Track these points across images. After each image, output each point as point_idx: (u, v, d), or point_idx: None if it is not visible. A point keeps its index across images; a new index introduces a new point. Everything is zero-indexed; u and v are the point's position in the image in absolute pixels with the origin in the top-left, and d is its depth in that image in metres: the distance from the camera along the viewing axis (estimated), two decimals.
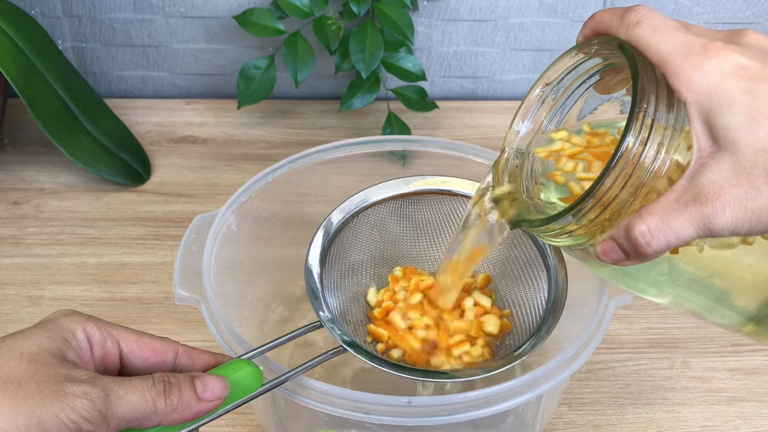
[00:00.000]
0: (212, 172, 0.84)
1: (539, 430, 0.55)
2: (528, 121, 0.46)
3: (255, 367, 0.42)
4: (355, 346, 0.47)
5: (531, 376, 0.45)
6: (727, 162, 0.32)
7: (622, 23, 0.36)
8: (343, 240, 0.54)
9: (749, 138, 0.31)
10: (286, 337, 0.46)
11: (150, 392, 0.36)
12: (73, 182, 0.82)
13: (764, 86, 0.32)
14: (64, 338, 0.37)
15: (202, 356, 0.41)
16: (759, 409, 0.61)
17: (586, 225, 0.37)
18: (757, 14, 0.91)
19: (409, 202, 0.56)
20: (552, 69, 0.43)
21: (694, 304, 0.42)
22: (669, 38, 0.34)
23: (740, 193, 0.32)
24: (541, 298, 0.52)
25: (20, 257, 0.73)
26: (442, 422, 0.44)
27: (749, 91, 0.32)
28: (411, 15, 0.87)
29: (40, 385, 0.34)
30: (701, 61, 0.33)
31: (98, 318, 0.40)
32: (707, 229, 0.33)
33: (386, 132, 0.84)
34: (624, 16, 0.36)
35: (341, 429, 0.48)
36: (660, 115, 0.35)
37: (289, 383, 0.45)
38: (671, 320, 0.68)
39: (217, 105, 0.94)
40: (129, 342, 0.40)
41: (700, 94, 0.33)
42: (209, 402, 0.38)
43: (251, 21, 0.82)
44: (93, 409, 0.34)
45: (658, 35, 0.35)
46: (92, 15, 0.90)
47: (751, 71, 0.32)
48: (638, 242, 0.34)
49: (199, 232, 0.55)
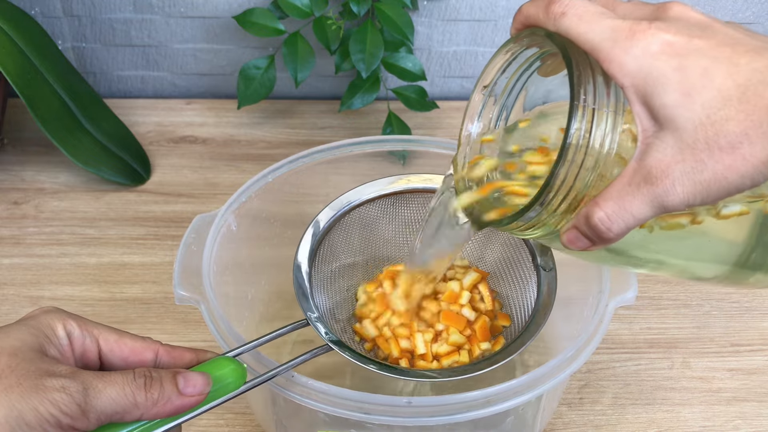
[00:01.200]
0: (212, 172, 0.84)
1: (539, 430, 0.55)
2: (477, 123, 0.46)
3: (238, 364, 0.42)
4: (341, 345, 0.47)
5: (531, 376, 0.45)
6: (670, 139, 0.33)
7: (548, 16, 0.36)
8: (332, 238, 0.55)
9: (687, 114, 0.32)
10: (273, 335, 0.46)
11: (130, 386, 0.36)
12: (73, 182, 0.82)
13: (693, 60, 0.32)
14: (45, 334, 0.37)
15: (183, 354, 0.41)
16: (759, 409, 0.61)
17: (550, 216, 0.38)
18: (757, 14, 0.91)
19: (400, 201, 0.56)
20: (487, 70, 0.44)
21: (680, 267, 0.43)
22: (596, 25, 0.35)
23: (687, 169, 0.32)
24: (530, 298, 0.52)
25: (20, 257, 0.73)
26: (442, 422, 0.44)
27: (680, 68, 0.32)
28: (411, 15, 0.87)
29: (20, 379, 0.34)
30: (630, 45, 0.33)
31: (80, 316, 0.40)
32: (662, 207, 0.34)
33: (386, 132, 0.84)
34: (548, 8, 0.36)
35: (341, 429, 0.48)
36: (600, 102, 0.35)
37: (290, 383, 0.45)
38: (671, 320, 0.68)
39: (217, 105, 0.94)
40: (109, 341, 0.40)
41: (635, 77, 0.33)
42: (191, 397, 0.38)
43: (251, 21, 0.82)
44: (72, 402, 0.34)
45: (584, 24, 0.35)
46: (92, 15, 0.90)
47: (678, 47, 0.33)
48: (599, 228, 0.35)
49: (199, 232, 0.55)
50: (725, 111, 0.31)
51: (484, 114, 0.45)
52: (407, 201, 0.56)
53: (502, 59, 0.43)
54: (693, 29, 0.33)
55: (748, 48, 0.32)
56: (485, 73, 0.44)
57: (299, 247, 0.53)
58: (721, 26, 0.34)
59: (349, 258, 0.57)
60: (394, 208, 0.57)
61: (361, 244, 0.57)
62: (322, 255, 0.54)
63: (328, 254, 0.55)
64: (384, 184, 0.56)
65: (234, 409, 0.60)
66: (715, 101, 0.31)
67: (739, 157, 0.32)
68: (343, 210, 0.55)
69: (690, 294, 0.71)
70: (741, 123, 0.31)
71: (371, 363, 0.46)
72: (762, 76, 0.31)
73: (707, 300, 0.70)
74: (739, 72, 0.31)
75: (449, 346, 0.51)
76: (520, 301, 0.53)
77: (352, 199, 0.55)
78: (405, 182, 0.56)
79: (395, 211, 0.57)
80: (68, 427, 0.34)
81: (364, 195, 0.55)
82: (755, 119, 0.31)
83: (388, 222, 0.57)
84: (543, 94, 0.44)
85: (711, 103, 0.32)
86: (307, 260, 0.52)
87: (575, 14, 0.35)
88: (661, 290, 0.71)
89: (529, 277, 0.53)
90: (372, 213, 0.56)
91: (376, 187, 0.56)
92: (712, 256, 0.42)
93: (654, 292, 0.71)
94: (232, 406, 0.60)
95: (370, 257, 0.58)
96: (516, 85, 0.44)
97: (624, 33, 0.34)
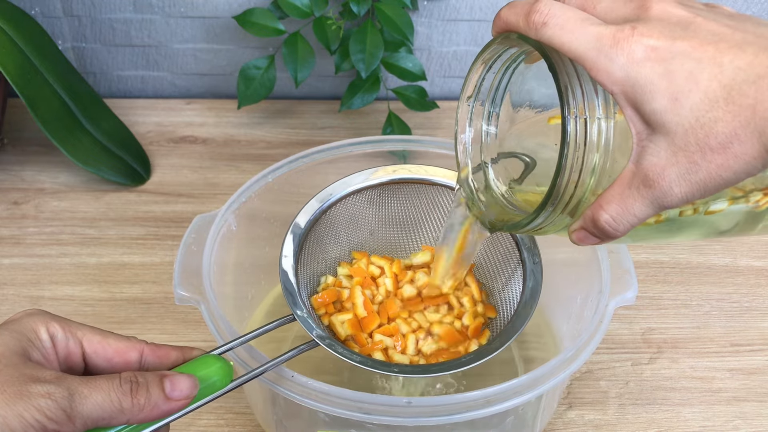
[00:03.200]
0: (212, 172, 0.84)
1: (539, 430, 0.55)
2: (469, 131, 0.46)
3: (224, 362, 0.41)
4: (328, 340, 0.47)
5: (531, 376, 0.45)
6: (663, 143, 0.34)
7: (529, 26, 0.36)
8: (318, 232, 0.54)
9: (677, 118, 0.33)
10: (259, 331, 0.46)
11: (116, 392, 0.36)
12: (73, 182, 0.82)
13: (678, 64, 0.33)
14: (28, 338, 0.37)
15: (169, 353, 0.41)
16: (759, 409, 0.61)
17: (558, 217, 0.39)
18: (757, 14, 0.91)
19: (387, 192, 0.56)
20: (467, 82, 0.44)
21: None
22: (579, 34, 0.35)
23: (682, 171, 0.33)
24: (516, 291, 0.52)
25: (20, 257, 0.73)
26: (442, 422, 0.44)
27: (666, 73, 0.33)
28: (411, 15, 0.87)
29: (4, 385, 0.34)
30: (615, 53, 0.34)
31: (63, 318, 0.40)
32: (662, 207, 0.35)
33: (386, 132, 0.84)
34: (528, 18, 0.36)
35: (341, 429, 0.48)
36: (590, 110, 0.36)
37: (290, 383, 0.45)
38: (671, 320, 0.68)
39: (217, 105, 0.94)
40: (92, 343, 0.39)
41: (623, 85, 0.34)
42: (178, 401, 0.38)
43: (251, 21, 0.82)
44: (57, 408, 0.34)
45: (567, 33, 0.35)
46: (92, 15, 0.90)
47: (662, 52, 0.33)
48: (606, 229, 0.37)
49: (199, 232, 0.55)
50: (713, 113, 0.32)
51: (473, 122, 0.46)
52: (394, 192, 0.56)
53: (480, 69, 0.43)
54: (675, 30, 0.33)
55: (731, 44, 0.32)
56: (467, 85, 0.44)
57: (284, 243, 0.52)
58: (704, 21, 0.34)
59: (334, 251, 0.57)
60: (381, 199, 0.57)
61: (347, 237, 0.57)
62: (307, 249, 0.54)
63: (314, 249, 0.54)
64: (367, 175, 0.56)
65: (234, 409, 0.60)
66: (703, 104, 0.32)
67: (731, 155, 0.32)
68: (327, 203, 0.54)
69: (690, 294, 0.71)
70: (729, 123, 0.32)
71: (357, 360, 0.46)
72: (745, 74, 0.31)
73: (707, 300, 0.70)
74: (723, 72, 0.32)
75: (436, 345, 0.52)
76: (505, 293, 0.53)
77: (335, 191, 0.55)
78: (388, 172, 0.56)
79: (382, 202, 0.57)
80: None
81: (348, 187, 0.55)
82: (743, 119, 0.31)
83: (374, 214, 0.57)
84: (527, 94, 0.45)
85: (699, 106, 0.32)
86: (293, 254, 0.52)
87: (557, 24, 0.35)
88: (661, 290, 0.71)
89: (514, 270, 0.53)
90: (356, 205, 0.56)
91: (359, 178, 0.55)
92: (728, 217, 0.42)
93: (654, 292, 0.71)
94: (232, 406, 0.60)
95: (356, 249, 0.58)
96: (499, 89, 0.45)
97: (608, 41, 0.34)
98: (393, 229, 0.59)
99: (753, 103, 0.31)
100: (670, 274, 0.73)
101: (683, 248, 0.75)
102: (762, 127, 0.31)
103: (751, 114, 0.31)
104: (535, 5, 0.36)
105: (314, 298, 0.53)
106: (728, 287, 0.72)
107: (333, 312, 0.53)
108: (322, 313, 0.53)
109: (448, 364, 0.47)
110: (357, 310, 0.52)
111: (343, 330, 0.52)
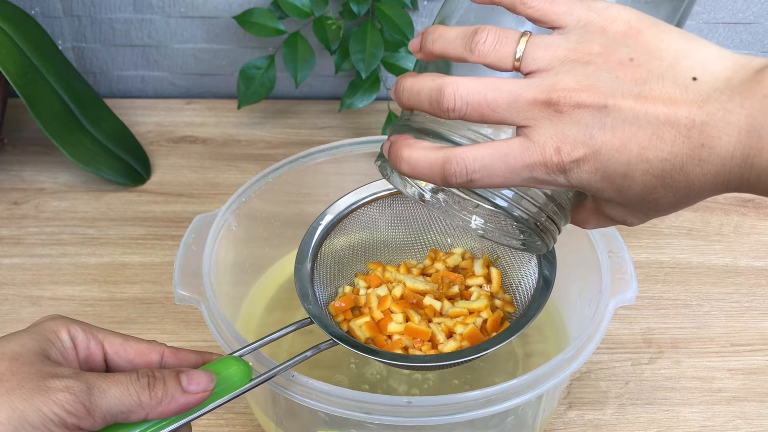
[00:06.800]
0: (212, 172, 0.84)
1: (539, 430, 0.55)
2: (410, 189, 0.46)
3: (243, 363, 0.42)
4: (346, 339, 0.47)
5: (531, 376, 0.45)
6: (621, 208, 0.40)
7: (447, 180, 0.37)
8: (333, 239, 0.54)
9: (628, 200, 0.37)
10: (277, 335, 0.46)
11: (134, 385, 0.36)
12: (73, 182, 0.82)
13: (612, 169, 0.35)
14: (47, 338, 0.38)
15: (188, 356, 0.42)
16: (759, 409, 0.61)
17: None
18: (757, 14, 0.91)
19: (399, 200, 0.56)
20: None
21: None
22: (510, 176, 0.36)
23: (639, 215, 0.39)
24: (530, 284, 0.52)
25: (20, 257, 0.73)
26: (442, 422, 0.44)
27: (604, 179, 0.36)
28: (411, 15, 0.87)
29: (22, 381, 0.34)
30: (557, 176, 0.36)
31: (84, 322, 0.40)
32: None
33: (386, 132, 0.84)
34: (444, 168, 0.37)
35: (341, 429, 0.48)
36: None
37: (290, 383, 0.45)
38: (671, 320, 0.68)
39: (217, 105, 0.94)
40: (114, 345, 0.40)
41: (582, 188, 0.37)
42: (195, 394, 0.38)
43: (251, 21, 0.82)
44: (76, 401, 0.34)
45: (497, 178, 0.37)
46: (92, 15, 0.90)
47: (594, 161, 0.35)
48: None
49: (199, 232, 0.55)
50: (655, 194, 0.35)
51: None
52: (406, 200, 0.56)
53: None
54: (593, 127, 0.34)
55: (649, 134, 0.34)
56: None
57: (300, 248, 0.53)
58: (621, 100, 0.34)
59: (351, 255, 0.57)
60: (391, 209, 0.57)
61: (362, 245, 0.57)
62: (323, 255, 0.54)
63: (330, 254, 0.55)
64: (383, 185, 0.56)
65: (234, 409, 0.60)
66: (645, 192, 0.35)
67: (674, 212, 0.38)
68: (344, 212, 0.55)
69: (690, 294, 0.71)
70: (672, 198, 0.36)
71: (377, 354, 0.47)
72: (671, 165, 0.34)
73: (707, 300, 0.70)
74: (652, 167, 0.34)
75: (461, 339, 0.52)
76: (520, 284, 0.53)
77: (352, 200, 0.55)
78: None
79: (393, 212, 0.57)
80: (74, 427, 0.34)
81: (365, 196, 0.55)
82: (680, 196, 0.35)
83: (388, 222, 0.57)
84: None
85: (642, 193, 0.35)
86: (309, 259, 0.52)
87: (484, 176, 0.36)
88: (661, 290, 0.71)
89: (528, 260, 0.53)
90: (371, 214, 0.56)
91: (377, 188, 0.56)
92: None
93: (654, 292, 0.71)
94: (232, 406, 0.60)
95: (371, 255, 0.58)
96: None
97: (541, 171, 0.36)
98: (403, 231, 0.58)
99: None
100: (670, 274, 0.73)
101: (683, 248, 0.76)
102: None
103: (686, 193, 0.35)
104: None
105: (332, 304, 0.53)
106: (728, 287, 0.72)
107: (351, 318, 0.53)
108: (341, 319, 0.53)
109: (467, 351, 0.47)
110: (373, 313, 0.52)
111: (362, 333, 0.52)
